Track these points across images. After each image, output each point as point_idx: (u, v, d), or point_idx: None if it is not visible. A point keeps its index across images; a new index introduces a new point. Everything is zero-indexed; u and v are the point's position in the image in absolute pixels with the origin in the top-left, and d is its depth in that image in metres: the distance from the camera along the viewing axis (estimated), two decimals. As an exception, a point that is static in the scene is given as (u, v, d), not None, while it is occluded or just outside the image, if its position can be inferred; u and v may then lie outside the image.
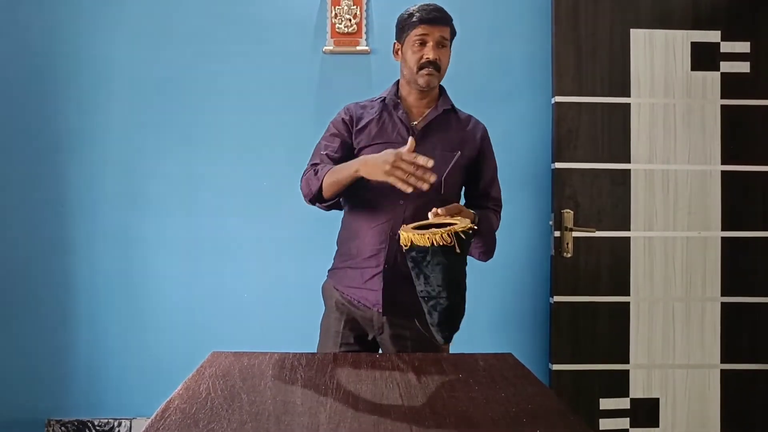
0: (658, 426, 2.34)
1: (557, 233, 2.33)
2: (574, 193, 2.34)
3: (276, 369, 1.41)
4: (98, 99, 2.43)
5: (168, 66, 2.44)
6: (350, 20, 2.43)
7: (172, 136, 2.44)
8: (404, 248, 1.42)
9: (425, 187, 1.45)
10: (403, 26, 1.72)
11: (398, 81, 1.82)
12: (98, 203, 2.43)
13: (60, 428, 2.42)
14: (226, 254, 2.44)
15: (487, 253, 1.81)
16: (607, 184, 2.34)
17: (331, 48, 2.43)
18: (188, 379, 1.33)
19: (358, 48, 2.43)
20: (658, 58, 2.35)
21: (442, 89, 1.82)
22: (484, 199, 1.80)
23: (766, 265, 2.36)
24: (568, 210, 2.32)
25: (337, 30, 2.43)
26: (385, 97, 1.77)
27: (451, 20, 1.73)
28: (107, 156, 2.43)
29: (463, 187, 1.83)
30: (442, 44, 1.70)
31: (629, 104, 2.34)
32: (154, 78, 2.43)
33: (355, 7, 2.43)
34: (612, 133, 2.34)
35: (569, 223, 2.31)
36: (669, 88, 2.35)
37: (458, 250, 1.35)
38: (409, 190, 1.46)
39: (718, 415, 2.35)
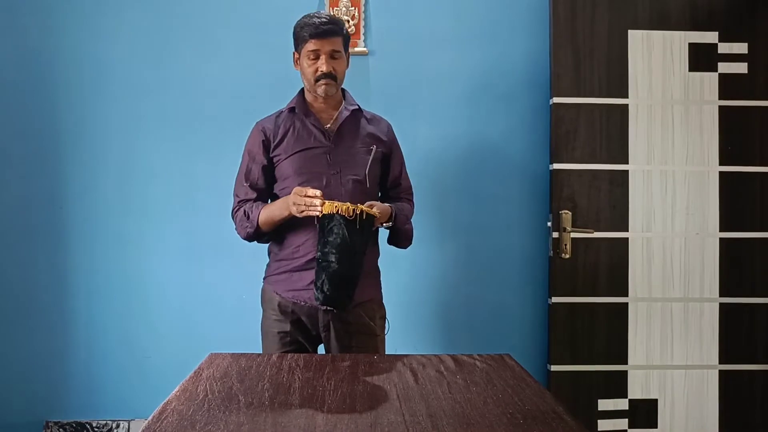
0: (656, 427, 2.34)
1: (555, 234, 2.33)
2: (572, 194, 2.34)
3: (273, 370, 1.42)
4: (96, 100, 2.43)
5: (166, 67, 2.43)
6: (348, 22, 2.43)
7: (171, 138, 2.44)
8: (317, 217, 1.65)
9: (314, 213, 1.63)
10: (297, 39, 1.81)
11: (303, 89, 1.90)
12: (96, 204, 2.43)
13: (58, 430, 2.42)
14: (224, 255, 2.44)
15: (406, 240, 1.93)
16: (605, 185, 2.34)
17: (329, 49, 2.43)
18: (186, 380, 1.33)
19: (357, 49, 2.43)
20: (656, 59, 2.35)
21: (343, 90, 1.92)
22: (396, 189, 1.96)
23: (764, 265, 2.36)
24: (567, 211, 2.32)
25: (335, 31, 2.43)
26: (293, 107, 1.85)
27: (342, 28, 1.81)
28: (105, 157, 2.43)
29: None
30: (335, 56, 1.79)
31: (627, 105, 2.34)
32: (152, 79, 2.43)
33: (353, 8, 2.43)
34: (610, 134, 2.34)
35: (567, 224, 2.31)
36: (667, 89, 2.35)
37: (358, 226, 1.61)
38: (307, 215, 1.64)
39: (717, 416, 2.35)
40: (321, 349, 1.90)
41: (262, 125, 1.86)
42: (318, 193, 1.63)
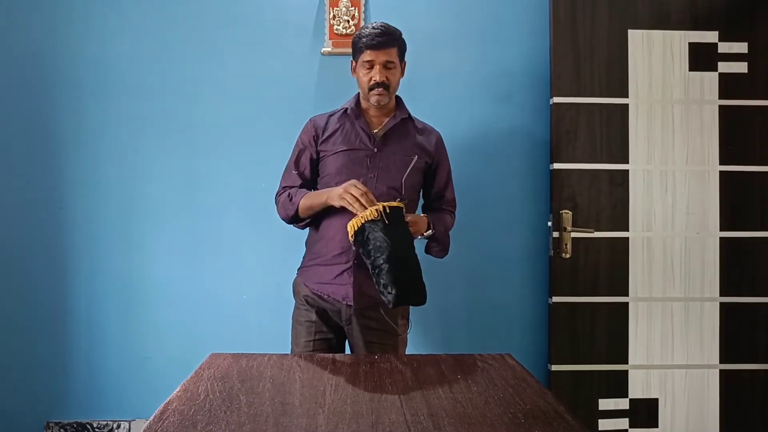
0: (657, 426, 2.34)
1: (556, 234, 2.33)
2: (572, 194, 2.34)
3: (274, 370, 1.42)
4: (97, 101, 2.43)
5: (167, 67, 2.43)
6: (348, 21, 2.43)
7: (171, 138, 2.44)
8: (351, 239, 1.71)
9: (354, 211, 1.70)
10: (355, 48, 1.88)
11: (359, 93, 1.96)
12: (97, 204, 2.43)
13: (59, 430, 2.42)
14: (224, 255, 2.44)
15: (443, 251, 2.02)
16: (605, 184, 2.34)
17: (329, 49, 2.43)
18: (187, 380, 1.33)
19: (357, 49, 2.43)
20: (656, 58, 2.35)
21: (398, 99, 1.99)
22: (439, 201, 2.03)
23: (764, 265, 2.36)
24: (567, 210, 2.32)
25: (335, 31, 2.44)
26: (347, 108, 1.93)
27: (398, 39, 1.88)
28: (106, 157, 2.43)
29: (421, 190, 2.03)
30: (388, 66, 1.85)
31: (627, 105, 2.34)
32: (152, 79, 2.43)
33: (353, 8, 2.43)
34: (610, 133, 2.34)
35: (568, 224, 2.31)
36: (667, 89, 2.35)
37: (387, 222, 1.65)
38: (358, 212, 1.70)
39: (717, 416, 2.34)
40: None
41: (314, 120, 1.96)
42: (371, 195, 1.71)
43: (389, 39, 1.84)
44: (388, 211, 1.66)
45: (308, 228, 1.98)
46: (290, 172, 1.95)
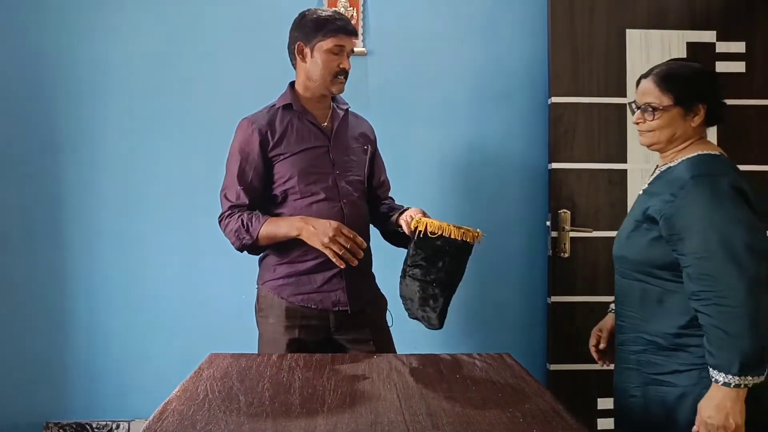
0: (655, 425, 2.34)
1: (554, 233, 2.33)
2: (570, 194, 2.34)
3: (274, 370, 1.42)
4: (96, 100, 2.43)
5: (166, 68, 2.43)
6: (347, 22, 2.43)
7: (170, 138, 2.44)
8: (429, 235, 1.56)
9: (355, 263, 1.63)
10: (316, 30, 1.73)
11: (292, 84, 1.84)
12: (96, 205, 2.43)
13: (58, 431, 2.42)
14: (224, 255, 2.43)
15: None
16: (603, 184, 2.35)
17: (327, 49, 2.43)
18: (186, 380, 1.33)
19: (355, 49, 2.42)
20: (654, 58, 2.35)
21: None
22: (382, 187, 1.95)
23: (762, 264, 2.37)
24: (565, 210, 2.33)
25: (333, 31, 2.43)
26: (289, 103, 1.79)
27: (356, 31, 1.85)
28: (105, 157, 2.43)
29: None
30: (349, 55, 1.78)
31: (625, 105, 2.35)
32: (151, 80, 2.43)
33: (351, 8, 2.43)
34: (608, 133, 2.35)
35: (566, 224, 2.32)
36: (665, 89, 2.36)
37: (464, 249, 1.57)
38: (343, 265, 1.62)
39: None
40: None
41: (255, 123, 1.75)
42: (365, 245, 1.65)
43: (354, 27, 1.80)
44: (475, 240, 1.56)
45: None
46: (234, 187, 1.72)
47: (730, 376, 1.27)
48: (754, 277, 1.26)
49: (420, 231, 1.56)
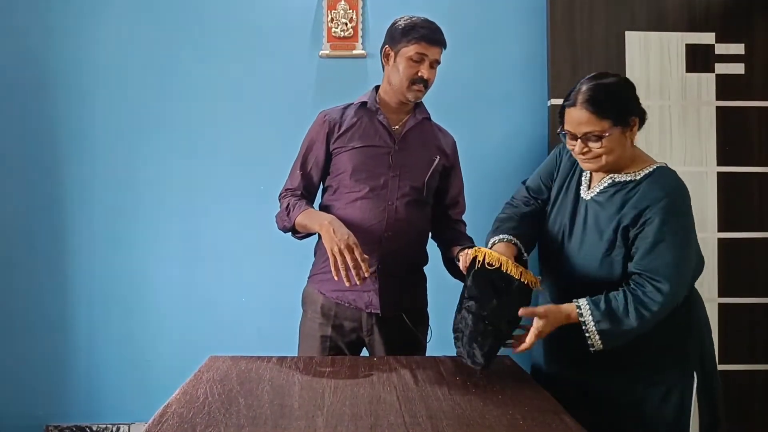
0: (656, 427, 2.33)
1: (554, 235, 2.32)
2: (570, 195, 2.34)
3: (273, 373, 1.42)
4: (95, 104, 2.43)
5: (165, 70, 2.44)
6: (346, 24, 2.43)
7: (169, 141, 2.44)
8: (486, 266, 1.47)
9: (348, 283, 1.55)
10: (401, 36, 1.72)
11: (377, 86, 1.84)
12: (96, 208, 2.43)
13: (58, 434, 2.42)
14: (223, 258, 2.44)
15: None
16: (603, 186, 2.34)
17: (327, 52, 2.44)
18: (186, 383, 1.33)
19: (355, 52, 2.44)
20: (653, 60, 2.36)
21: None
22: (455, 207, 1.89)
23: (762, 265, 2.37)
24: (565, 212, 2.32)
25: (333, 34, 2.44)
26: (365, 102, 1.79)
27: (445, 42, 1.77)
28: (104, 161, 2.43)
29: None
30: (433, 65, 1.74)
31: (625, 106, 2.35)
32: (151, 82, 2.43)
33: (351, 11, 2.44)
34: (608, 135, 2.35)
35: (566, 225, 2.31)
36: (664, 90, 2.36)
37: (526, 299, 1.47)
38: (337, 277, 1.55)
39: (717, 416, 2.34)
40: (364, 353, 1.83)
41: (327, 115, 1.79)
42: (367, 274, 1.56)
43: (442, 38, 1.73)
44: (532, 284, 1.46)
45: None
46: (295, 172, 1.80)
47: (597, 338, 1.34)
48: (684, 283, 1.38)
49: (478, 261, 1.49)
